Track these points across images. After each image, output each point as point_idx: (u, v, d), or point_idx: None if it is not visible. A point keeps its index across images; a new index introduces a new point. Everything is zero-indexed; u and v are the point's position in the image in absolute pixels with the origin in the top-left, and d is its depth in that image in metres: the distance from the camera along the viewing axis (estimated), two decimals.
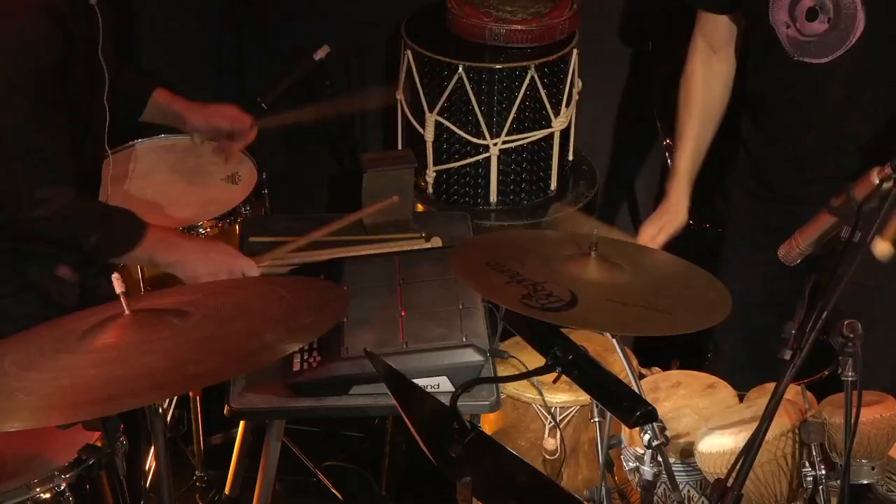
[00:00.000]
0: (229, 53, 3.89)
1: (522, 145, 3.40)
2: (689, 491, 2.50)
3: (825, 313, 2.05)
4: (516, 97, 3.30)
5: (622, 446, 2.61)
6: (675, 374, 2.83)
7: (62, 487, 2.27)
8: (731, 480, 2.00)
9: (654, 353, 3.24)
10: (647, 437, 2.28)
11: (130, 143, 3.35)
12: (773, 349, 3.03)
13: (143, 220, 2.64)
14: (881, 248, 2.49)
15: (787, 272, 2.75)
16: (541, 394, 2.84)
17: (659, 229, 3.00)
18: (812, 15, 2.67)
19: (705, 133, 3.02)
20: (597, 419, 2.63)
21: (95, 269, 2.72)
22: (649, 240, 2.99)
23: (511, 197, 3.47)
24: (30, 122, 2.49)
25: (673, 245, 2.97)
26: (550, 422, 2.85)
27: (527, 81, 3.28)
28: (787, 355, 2.05)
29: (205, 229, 3.07)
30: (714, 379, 2.77)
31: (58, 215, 2.52)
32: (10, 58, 2.43)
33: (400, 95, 3.50)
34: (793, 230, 2.49)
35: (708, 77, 2.99)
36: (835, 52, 2.68)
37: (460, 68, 3.28)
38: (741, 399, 2.66)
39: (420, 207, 3.41)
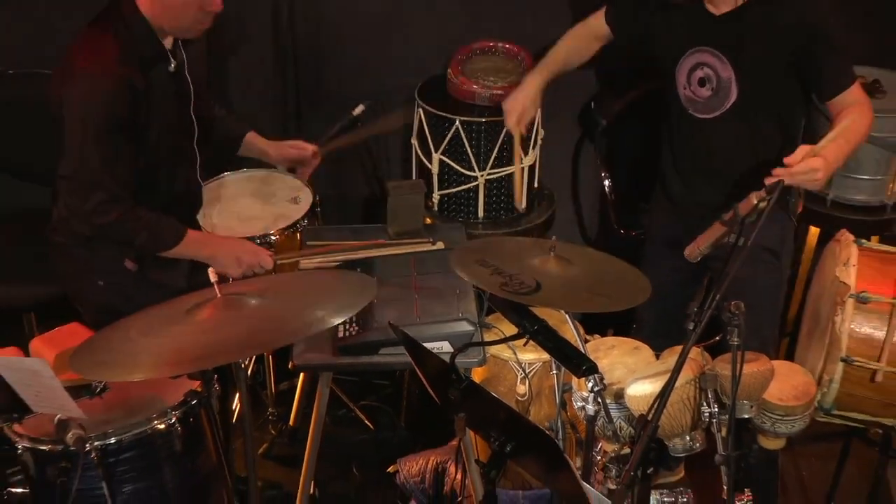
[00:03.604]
0: (292, 110, 3.87)
1: (502, 176, 3.38)
2: (620, 423, 2.49)
3: (718, 296, 2.06)
4: (497, 142, 3.30)
5: (573, 391, 2.61)
6: (610, 340, 2.81)
7: (173, 420, 2.28)
8: (650, 415, 2.00)
9: (597, 324, 3.22)
10: (590, 384, 2.28)
11: (221, 175, 3.33)
12: (679, 322, 3.05)
13: (183, 226, 2.62)
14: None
15: (688, 267, 2.75)
16: (515, 354, 2.83)
17: (522, 108, 2.99)
18: (702, 83, 2.71)
19: (563, 68, 3.02)
20: (555, 371, 2.63)
21: (150, 260, 2.66)
22: (517, 120, 2.99)
23: (493, 213, 3.45)
24: (101, 157, 2.45)
25: (609, 247, 2.96)
26: (521, 374, 2.85)
27: (504, 131, 3.25)
28: (691, 326, 2.06)
29: (275, 236, 3.06)
30: (638, 343, 2.76)
31: (114, 222, 2.50)
32: (92, 111, 2.41)
33: (414, 140, 3.49)
34: (690, 237, 2.49)
35: (586, 47, 3.00)
36: (716, 112, 2.72)
37: (457, 121, 3.27)
38: (658, 357, 2.66)
39: (428, 221, 3.40)
